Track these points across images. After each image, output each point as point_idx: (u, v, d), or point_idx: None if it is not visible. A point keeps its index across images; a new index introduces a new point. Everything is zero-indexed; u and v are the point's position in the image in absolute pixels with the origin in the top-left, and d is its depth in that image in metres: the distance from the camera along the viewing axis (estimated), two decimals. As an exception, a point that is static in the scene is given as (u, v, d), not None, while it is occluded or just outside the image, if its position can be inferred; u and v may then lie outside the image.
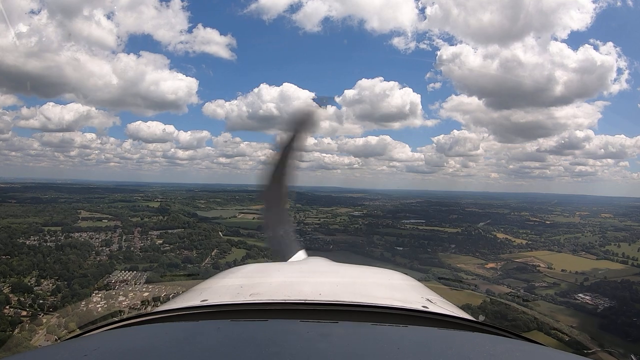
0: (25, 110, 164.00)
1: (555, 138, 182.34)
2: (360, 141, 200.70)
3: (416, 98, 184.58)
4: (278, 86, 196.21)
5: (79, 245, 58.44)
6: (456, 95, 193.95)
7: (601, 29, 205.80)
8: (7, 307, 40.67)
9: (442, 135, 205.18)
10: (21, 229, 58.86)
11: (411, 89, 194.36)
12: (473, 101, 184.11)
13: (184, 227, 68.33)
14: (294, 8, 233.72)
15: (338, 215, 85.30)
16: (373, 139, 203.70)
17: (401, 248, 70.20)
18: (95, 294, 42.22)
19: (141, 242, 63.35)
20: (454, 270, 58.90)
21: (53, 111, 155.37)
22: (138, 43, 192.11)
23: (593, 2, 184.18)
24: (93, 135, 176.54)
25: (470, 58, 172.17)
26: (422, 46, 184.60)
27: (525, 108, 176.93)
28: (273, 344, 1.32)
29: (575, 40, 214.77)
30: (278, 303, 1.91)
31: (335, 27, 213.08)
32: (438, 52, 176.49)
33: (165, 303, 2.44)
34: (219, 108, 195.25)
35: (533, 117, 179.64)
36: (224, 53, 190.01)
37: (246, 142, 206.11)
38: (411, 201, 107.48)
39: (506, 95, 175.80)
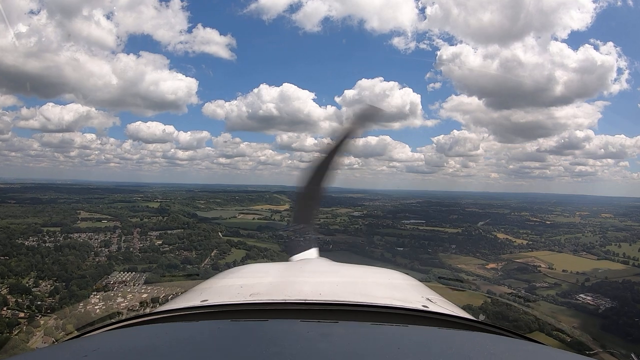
0: (25, 110, 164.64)
1: (555, 138, 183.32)
2: (360, 141, 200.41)
3: (416, 98, 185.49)
4: (278, 86, 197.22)
5: (78, 246, 58.34)
6: (456, 95, 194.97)
7: (601, 29, 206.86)
8: (5, 309, 40.57)
9: (442, 135, 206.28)
10: (20, 230, 58.76)
11: (411, 89, 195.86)
12: (473, 101, 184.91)
13: (184, 228, 68.27)
14: (294, 8, 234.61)
15: (338, 215, 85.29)
16: (373, 139, 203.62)
17: (401, 248, 70.16)
18: (93, 295, 42.16)
19: (140, 243, 63.23)
20: (455, 270, 58.88)
21: (53, 111, 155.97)
22: (138, 43, 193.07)
23: (593, 2, 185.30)
24: (93, 135, 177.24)
25: (470, 58, 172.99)
26: (422, 46, 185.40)
27: (525, 108, 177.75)
28: (273, 344, 1.32)
29: (575, 40, 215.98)
30: (278, 303, 1.91)
31: (335, 27, 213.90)
32: (438, 52, 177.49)
33: (165, 303, 2.45)
34: (219, 108, 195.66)
35: (533, 117, 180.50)
36: (224, 53, 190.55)
37: (246, 143, 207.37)
38: (411, 201, 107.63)
39: (506, 95, 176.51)
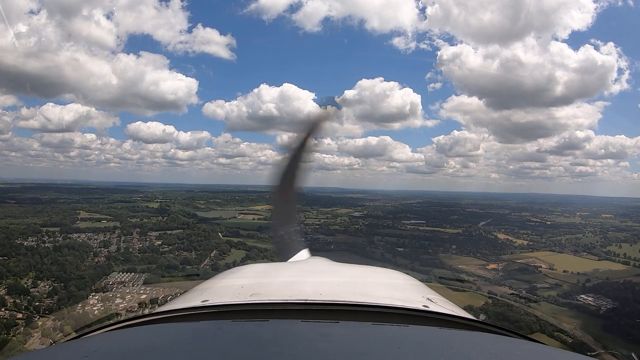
0: (25, 110, 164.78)
1: (555, 138, 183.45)
2: (360, 142, 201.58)
3: (416, 98, 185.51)
4: (278, 86, 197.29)
5: (77, 246, 58.38)
6: (456, 95, 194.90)
7: (602, 29, 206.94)
8: (3, 310, 40.49)
9: (442, 135, 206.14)
10: (19, 230, 58.84)
11: (411, 89, 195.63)
12: (473, 101, 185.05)
13: (184, 228, 68.37)
14: (294, 8, 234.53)
15: (338, 215, 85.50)
16: (373, 140, 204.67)
17: (402, 249, 70.27)
18: (92, 296, 42.13)
19: (140, 243, 63.32)
20: (456, 271, 58.94)
21: (53, 111, 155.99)
22: (138, 43, 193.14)
23: (594, 2, 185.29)
24: (93, 135, 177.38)
25: (470, 58, 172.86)
26: (423, 46, 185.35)
27: (525, 108, 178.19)
28: (274, 344, 1.31)
29: (575, 40, 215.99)
30: (279, 303, 1.91)
31: (335, 27, 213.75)
32: (438, 52, 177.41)
33: (165, 304, 2.47)
34: (219, 108, 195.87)
35: (533, 117, 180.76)
36: (224, 53, 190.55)
37: (246, 143, 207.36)
38: (411, 202, 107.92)
39: (506, 95, 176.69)
